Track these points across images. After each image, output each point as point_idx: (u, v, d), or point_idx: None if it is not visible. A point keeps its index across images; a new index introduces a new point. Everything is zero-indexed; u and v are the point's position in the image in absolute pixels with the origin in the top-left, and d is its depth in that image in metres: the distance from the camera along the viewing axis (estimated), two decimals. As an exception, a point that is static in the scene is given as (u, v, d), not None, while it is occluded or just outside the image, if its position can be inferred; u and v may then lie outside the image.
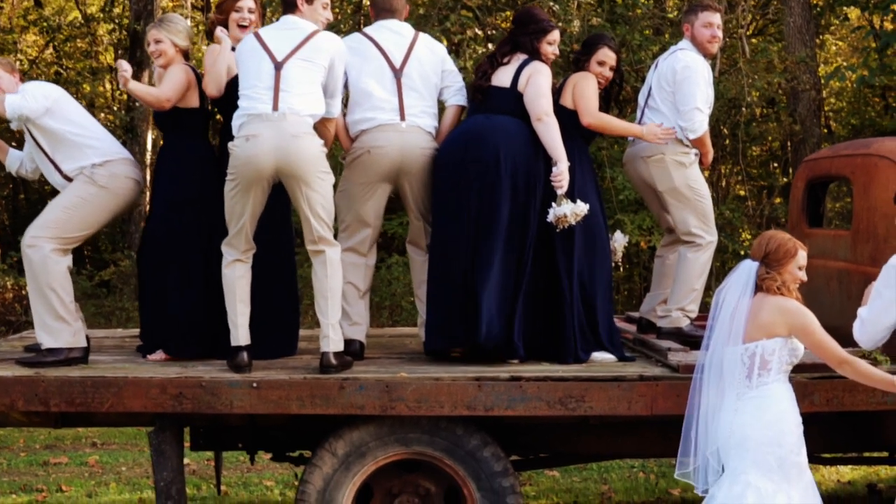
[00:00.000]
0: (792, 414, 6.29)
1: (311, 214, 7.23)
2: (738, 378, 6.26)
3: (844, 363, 6.28)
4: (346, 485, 7.19)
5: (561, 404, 7.01)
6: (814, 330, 6.25)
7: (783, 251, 6.34)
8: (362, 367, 7.43)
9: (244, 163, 7.20)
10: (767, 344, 6.23)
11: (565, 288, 7.60)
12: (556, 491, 10.46)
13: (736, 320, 6.30)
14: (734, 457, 6.23)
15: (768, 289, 6.30)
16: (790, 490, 6.19)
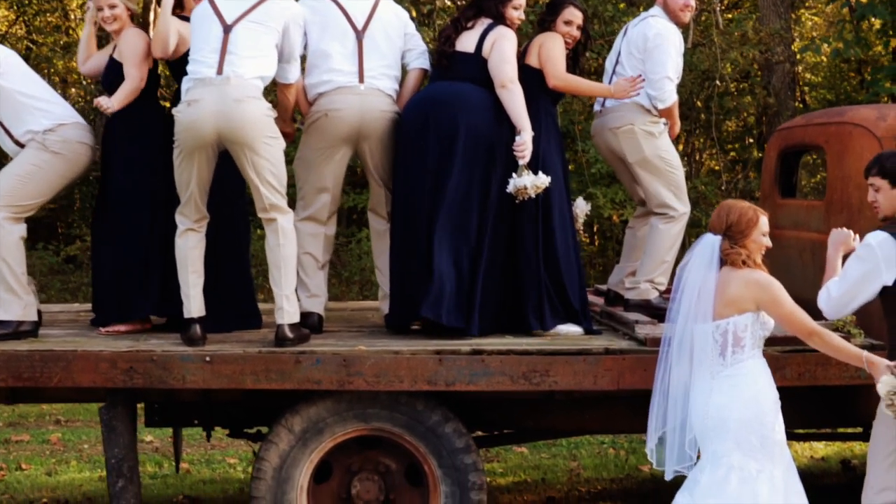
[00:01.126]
0: (770, 390, 6.10)
1: (259, 181, 6.98)
2: (711, 356, 6.05)
3: (814, 335, 6.08)
4: (304, 462, 6.97)
5: (525, 379, 6.80)
6: (783, 302, 6.04)
7: (745, 221, 6.13)
8: (320, 341, 7.20)
9: (186, 128, 6.96)
10: (739, 320, 6.03)
11: (531, 257, 7.38)
12: (524, 468, 10.27)
13: (703, 297, 6.08)
14: (714, 439, 6.03)
15: (734, 263, 6.09)
16: (773, 469, 6.01)
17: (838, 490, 9.27)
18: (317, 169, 7.66)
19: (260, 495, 6.98)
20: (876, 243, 6.21)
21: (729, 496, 5.92)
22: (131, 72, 7.43)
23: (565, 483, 9.72)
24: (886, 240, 6.19)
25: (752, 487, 5.93)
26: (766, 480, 5.95)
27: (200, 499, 9.38)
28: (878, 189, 6.35)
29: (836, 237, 6.53)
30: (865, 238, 6.29)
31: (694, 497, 6.02)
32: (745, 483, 5.93)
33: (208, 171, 7.09)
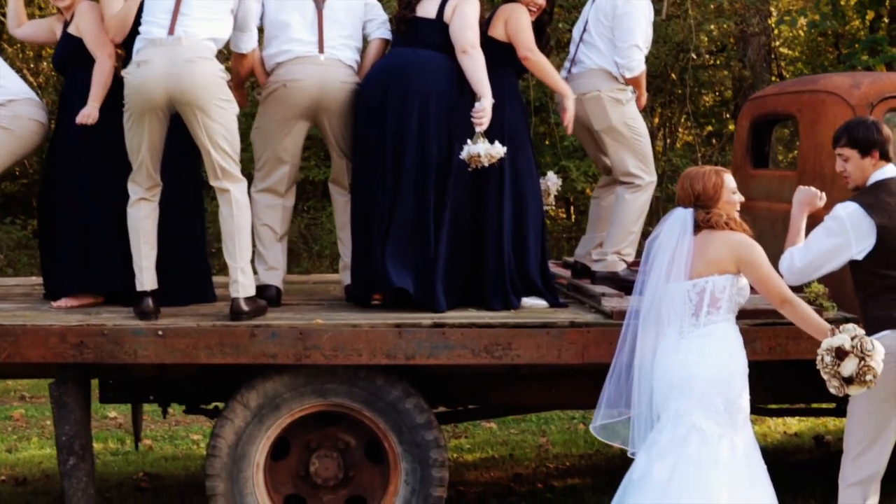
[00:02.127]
0: (741, 356, 5.95)
1: (210, 146, 6.75)
2: (684, 315, 5.88)
3: (787, 303, 5.90)
4: (260, 438, 6.78)
5: (486, 352, 6.60)
6: (761, 264, 5.89)
7: (712, 186, 5.98)
8: (277, 314, 6.99)
9: (135, 90, 6.73)
10: (718, 280, 5.86)
11: (494, 230, 7.18)
12: (491, 444, 10.10)
13: (677, 259, 5.91)
14: (675, 398, 5.85)
15: (716, 224, 5.93)
16: (735, 437, 5.83)
17: (812, 466, 9.19)
18: (275, 140, 7.45)
19: (215, 473, 6.78)
20: (846, 215, 6.03)
21: (689, 456, 5.75)
22: (100, 55, 7.21)
23: (533, 459, 9.56)
24: (856, 211, 6.02)
25: (712, 449, 5.77)
26: (727, 445, 5.78)
27: (161, 476, 9.19)
28: (847, 159, 6.18)
29: (802, 196, 6.36)
30: (835, 209, 6.11)
31: (651, 456, 5.85)
32: (705, 444, 5.76)
33: (160, 136, 6.86)
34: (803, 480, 8.49)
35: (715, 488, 5.70)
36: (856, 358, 5.65)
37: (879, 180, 6.11)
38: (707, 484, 5.71)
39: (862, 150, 6.12)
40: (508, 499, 8.26)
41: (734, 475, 5.75)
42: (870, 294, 6.04)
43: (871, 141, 6.11)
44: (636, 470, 5.92)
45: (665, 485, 5.75)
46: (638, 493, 5.83)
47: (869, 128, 6.15)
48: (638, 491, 5.83)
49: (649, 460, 5.85)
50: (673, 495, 5.71)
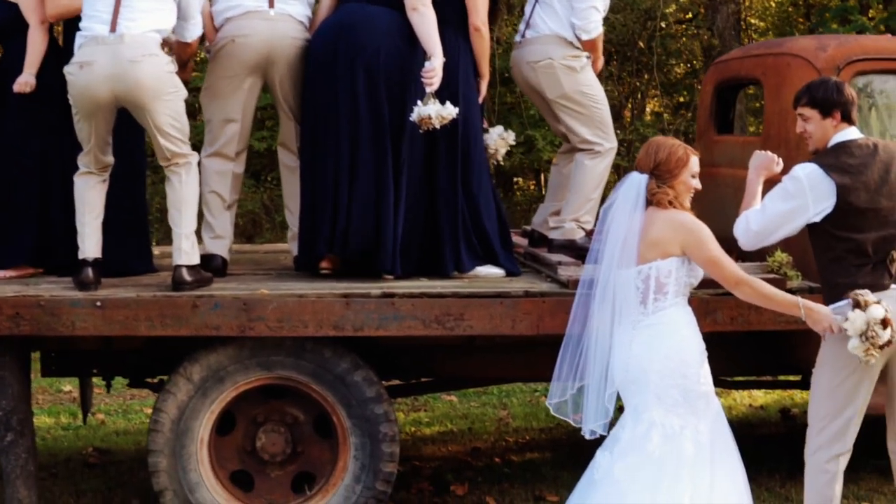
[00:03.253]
0: (693, 340, 5.67)
1: (159, 135, 6.53)
2: (633, 305, 5.63)
3: (742, 284, 5.65)
4: (204, 413, 6.54)
5: (438, 323, 6.37)
6: (708, 246, 5.61)
7: (675, 160, 5.70)
8: (221, 284, 6.74)
9: (80, 93, 6.49)
10: (662, 265, 5.59)
11: (447, 193, 6.97)
12: (451, 417, 9.89)
13: (629, 242, 5.65)
14: (634, 393, 5.62)
15: (659, 203, 5.66)
16: (698, 423, 5.59)
17: (778, 439, 9.02)
18: (224, 99, 7.20)
19: (157, 448, 6.55)
20: (804, 175, 5.81)
21: (650, 454, 5.52)
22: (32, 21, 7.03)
23: (493, 433, 9.35)
24: (815, 172, 5.79)
25: (675, 445, 5.53)
26: (690, 437, 5.55)
27: (111, 451, 8.97)
28: (808, 119, 5.95)
29: (759, 160, 6.13)
30: (793, 170, 5.88)
31: (614, 455, 5.62)
32: (668, 440, 5.53)
33: (107, 127, 6.66)
34: (769, 454, 8.32)
35: (679, 488, 5.47)
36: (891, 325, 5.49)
37: (841, 142, 5.89)
38: (670, 483, 5.48)
39: (823, 110, 5.89)
40: (465, 473, 8.05)
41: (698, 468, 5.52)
42: (832, 259, 5.82)
43: (832, 101, 5.88)
44: (597, 469, 5.69)
45: (627, 485, 5.51)
46: (599, 493, 5.59)
47: (830, 88, 5.92)
48: (599, 492, 5.60)
49: (611, 459, 5.62)
50: (634, 495, 5.49)
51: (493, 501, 7.43)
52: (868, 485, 7.66)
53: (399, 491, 7.55)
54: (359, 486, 6.58)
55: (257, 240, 16.18)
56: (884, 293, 5.71)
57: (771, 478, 7.83)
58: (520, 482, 7.79)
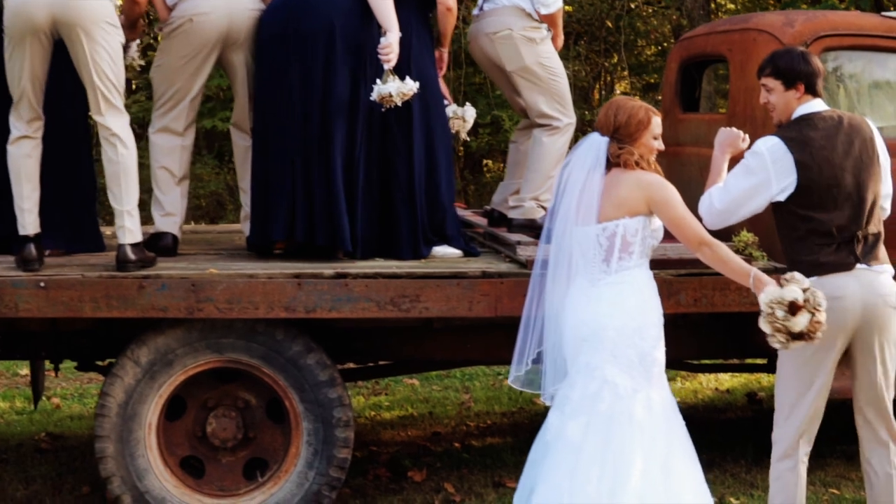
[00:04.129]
0: (656, 305, 5.51)
1: (95, 74, 6.23)
2: (594, 262, 5.43)
3: (704, 245, 5.46)
4: (152, 397, 6.34)
5: (393, 305, 6.19)
6: (675, 204, 5.43)
7: (635, 122, 5.50)
8: (170, 264, 6.53)
9: (15, 13, 6.19)
10: (629, 223, 5.41)
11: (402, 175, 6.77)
12: (412, 401, 9.70)
13: (586, 198, 5.44)
14: (588, 350, 5.42)
15: (625, 163, 5.46)
16: (650, 391, 5.41)
17: (744, 423, 8.87)
18: (181, 78, 6.97)
19: (104, 434, 6.34)
20: (766, 149, 5.64)
21: (602, 414, 5.35)
22: None
23: (454, 417, 9.17)
24: (777, 146, 5.62)
25: (626, 406, 5.35)
26: (641, 401, 5.37)
27: (64, 436, 8.75)
28: (771, 90, 5.78)
29: (724, 137, 5.96)
30: (755, 144, 5.71)
31: (565, 414, 5.44)
32: (618, 400, 5.35)
33: (42, 63, 6.34)
34: (735, 439, 8.19)
35: (628, 447, 5.30)
36: (808, 313, 5.24)
37: (805, 114, 5.71)
38: (620, 442, 5.31)
39: (786, 81, 5.72)
40: (423, 459, 7.87)
41: (649, 432, 5.34)
42: (795, 238, 5.66)
43: (796, 72, 5.71)
44: (549, 430, 5.52)
45: (579, 444, 5.34)
46: (552, 454, 5.43)
47: (795, 58, 5.75)
48: (552, 452, 5.43)
49: (562, 420, 5.45)
50: (587, 455, 5.31)
51: (452, 488, 7.25)
52: (835, 470, 7.51)
53: (355, 477, 7.39)
54: (312, 473, 6.39)
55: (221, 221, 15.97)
56: (847, 273, 5.56)
57: (736, 463, 7.69)
58: (479, 468, 7.62)
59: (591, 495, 5.25)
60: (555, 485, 5.35)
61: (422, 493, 7.21)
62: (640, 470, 5.27)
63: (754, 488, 7.18)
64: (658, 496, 5.28)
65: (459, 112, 7.40)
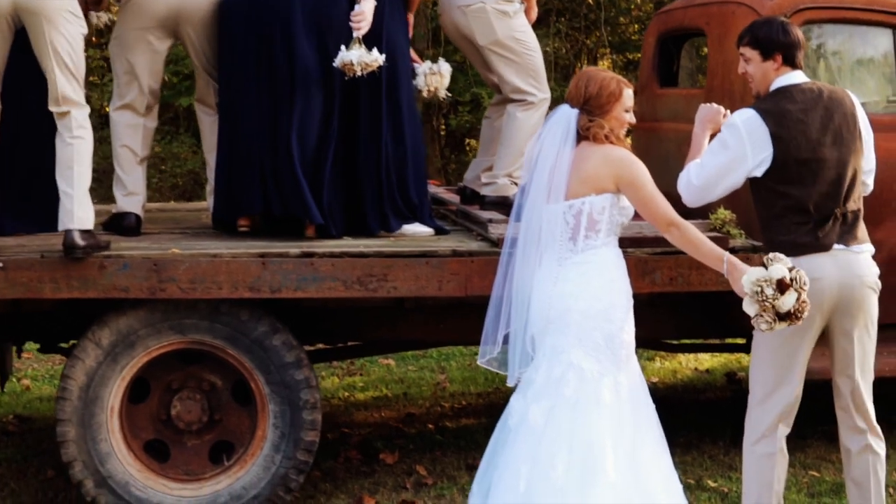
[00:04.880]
0: (623, 284, 5.34)
1: (55, 63, 6.04)
2: (560, 241, 5.26)
3: (673, 226, 5.31)
4: (114, 379, 6.16)
5: (360, 284, 6.02)
6: (644, 183, 5.26)
7: (606, 94, 5.33)
8: (133, 244, 6.36)
9: None
10: (596, 200, 5.24)
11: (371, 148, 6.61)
12: (386, 381, 9.55)
13: (556, 175, 5.27)
14: (553, 332, 5.26)
15: (594, 137, 5.28)
16: (618, 375, 5.25)
17: (723, 405, 8.74)
18: (133, 51, 6.78)
19: (66, 417, 6.16)
20: (741, 122, 5.49)
21: (567, 398, 5.18)
22: None
23: (429, 398, 9.02)
24: (753, 118, 5.47)
25: (592, 390, 5.19)
26: (608, 385, 5.20)
27: (33, 418, 8.60)
28: (749, 60, 5.63)
29: (704, 113, 5.80)
30: (730, 117, 5.57)
31: (528, 398, 5.28)
32: (584, 384, 5.18)
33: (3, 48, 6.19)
34: (714, 420, 8.07)
35: (596, 432, 5.14)
36: (795, 292, 5.09)
37: (782, 87, 5.56)
38: (587, 428, 5.14)
39: (764, 51, 5.57)
40: (395, 441, 7.73)
41: (617, 417, 5.19)
42: (772, 216, 5.51)
43: (773, 42, 5.55)
44: (512, 414, 5.36)
45: (542, 430, 5.18)
46: (514, 439, 5.27)
47: (774, 28, 5.59)
48: (514, 437, 5.28)
49: (525, 403, 5.29)
50: (550, 441, 5.15)
51: (424, 470, 7.11)
52: (815, 452, 7.40)
53: (326, 460, 7.26)
54: (278, 456, 6.24)
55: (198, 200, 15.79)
56: (824, 254, 5.41)
57: (714, 445, 7.57)
58: (452, 450, 7.48)
59: (557, 482, 5.10)
60: (514, 470, 5.20)
61: (393, 475, 7.07)
62: (611, 459, 5.12)
63: (732, 470, 7.04)
64: (629, 484, 5.14)
65: (435, 68, 7.18)
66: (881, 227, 6.73)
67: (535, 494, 5.11)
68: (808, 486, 6.85)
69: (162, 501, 6.24)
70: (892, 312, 6.83)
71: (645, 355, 10.18)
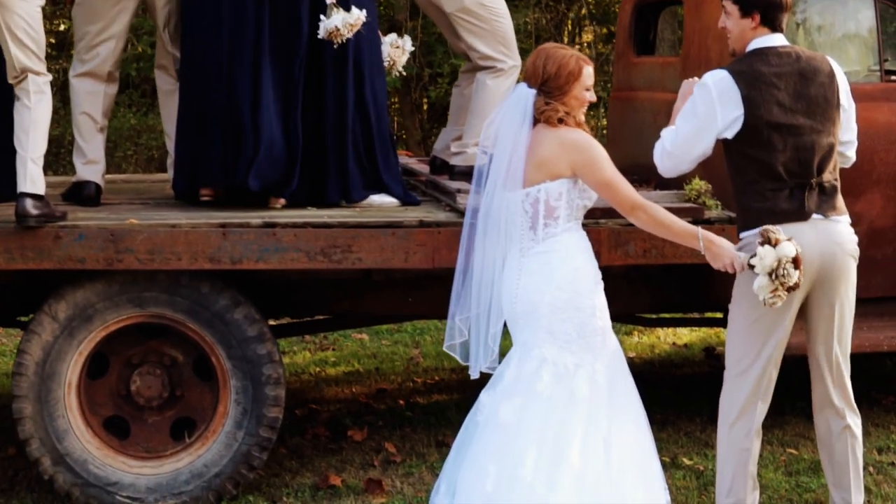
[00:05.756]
0: (588, 269, 5.14)
1: (11, 40, 5.85)
2: (521, 231, 5.09)
3: (638, 209, 5.12)
4: (71, 354, 5.99)
5: (323, 255, 5.85)
6: (602, 166, 5.06)
7: (565, 74, 5.10)
8: (91, 214, 6.17)
9: None
10: (551, 186, 5.04)
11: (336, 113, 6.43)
12: (359, 356, 9.38)
13: (515, 161, 5.07)
14: (522, 328, 5.10)
15: (548, 120, 5.08)
16: (594, 362, 5.08)
17: (700, 379, 8.58)
18: (98, 15, 6.60)
19: (22, 394, 6.00)
20: (713, 82, 5.30)
21: (540, 393, 5.01)
22: None
23: (401, 373, 8.85)
24: (724, 79, 5.28)
25: (567, 384, 5.02)
26: (585, 376, 5.04)
27: (-2, 394, 8.40)
28: (728, 14, 5.42)
29: (687, 87, 5.59)
30: (703, 77, 5.37)
31: (497, 394, 5.11)
32: (559, 379, 5.02)
33: None
34: (691, 395, 7.93)
35: (569, 427, 4.97)
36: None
37: (758, 48, 5.36)
38: (559, 424, 4.98)
39: (743, 7, 5.36)
40: (365, 418, 7.55)
41: (593, 409, 5.03)
42: (747, 182, 5.31)
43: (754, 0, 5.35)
44: (481, 410, 5.18)
45: (514, 428, 5.01)
46: (481, 437, 5.09)
47: None
48: (481, 435, 5.10)
49: (495, 400, 5.11)
50: (523, 439, 4.98)
51: (393, 447, 6.94)
52: (794, 429, 7.24)
53: (293, 436, 7.10)
54: (241, 433, 6.07)
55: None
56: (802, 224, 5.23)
57: (691, 421, 7.42)
58: (423, 426, 7.31)
59: (525, 480, 4.93)
60: (481, 468, 5.03)
61: (361, 452, 6.90)
62: (578, 449, 4.95)
63: (709, 448, 6.88)
64: (599, 473, 4.97)
65: (399, 42, 7.00)
66: (861, 199, 6.60)
67: (503, 494, 4.95)
68: (786, 464, 6.69)
69: (121, 480, 6.08)
70: (872, 286, 6.70)
71: (623, 329, 10.02)
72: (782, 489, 6.31)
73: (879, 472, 6.57)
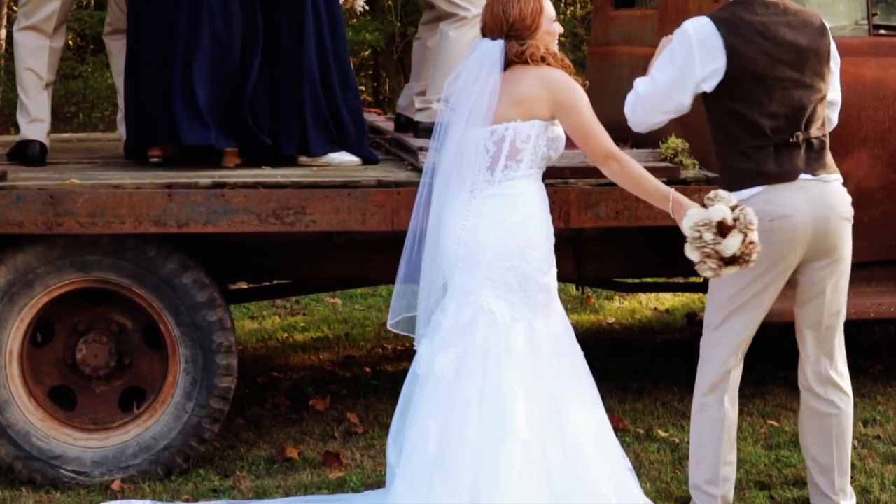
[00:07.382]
0: (542, 220, 4.81)
1: None
2: (478, 170, 4.75)
3: (611, 158, 4.81)
4: (12, 321, 5.69)
5: (275, 217, 5.53)
6: (581, 110, 4.75)
7: (529, 13, 4.76)
8: (33, 174, 5.86)
9: None
10: (521, 127, 4.71)
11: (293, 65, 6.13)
12: (329, 321, 9.08)
13: (478, 100, 4.73)
14: (461, 272, 4.76)
15: (531, 58, 4.75)
16: (534, 320, 4.75)
17: (681, 346, 8.26)
18: None
19: (-40, 363, 5.71)
20: (693, 29, 4.96)
21: (476, 345, 4.69)
22: None
23: (371, 339, 8.53)
24: (705, 25, 4.94)
25: (504, 335, 4.69)
26: (522, 330, 4.70)
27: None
28: None
29: (666, 44, 5.26)
30: (683, 24, 5.04)
31: (434, 344, 4.79)
32: (495, 329, 4.69)
33: None
34: (670, 363, 7.62)
35: (507, 382, 4.66)
36: (740, 234, 4.58)
37: None
38: (498, 376, 4.66)
39: None
40: (329, 386, 7.25)
41: (532, 367, 4.70)
42: (729, 139, 4.98)
43: None
44: (420, 362, 4.89)
45: (451, 381, 4.69)
46: (421, 392, 4.80)
47: None
48: (421, 389, 4.80)
49: (432, 350, 4.81)
50: (461, 394, 4.67)
51: (356, 417, 6.64)
52: (776, 400, 6.92)
53: (252, 406, 6.82)
54: (190, 404, 5.77)
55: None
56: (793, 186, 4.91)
57: (668, 391, 7.11)
58: (388, 395, 6.97)
59: (471, 441, 4.63)
60: (422, 428, 4.73)
61: (322, 423, 6.60)
62: (523, 415, 4.64)
63: (685, 419, 6.52)
64: (545, 440, 4.66)
65: None
66: (847, 158, 6.27)
67: (448, 456, 4.65)
68: (766, 436, 6.38)
69: (65, 453, 5.78)
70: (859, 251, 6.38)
71: (604, 295, 9.73)
72: (761, 463, 6.01)
73: (864, 445, 6.25)
